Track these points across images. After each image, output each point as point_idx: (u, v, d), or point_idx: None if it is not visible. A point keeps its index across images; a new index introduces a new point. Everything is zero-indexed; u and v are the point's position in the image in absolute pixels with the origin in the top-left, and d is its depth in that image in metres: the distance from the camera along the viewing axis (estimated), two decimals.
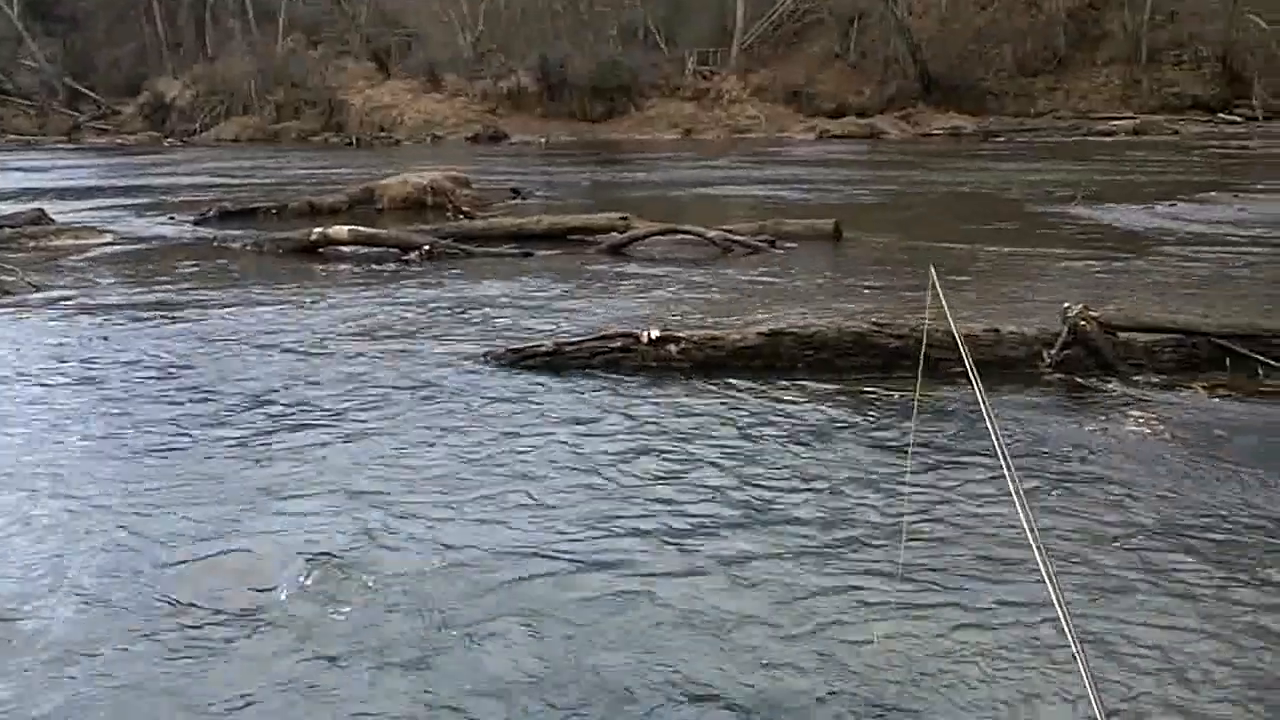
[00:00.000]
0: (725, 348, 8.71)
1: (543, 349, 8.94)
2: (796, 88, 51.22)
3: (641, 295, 11.81)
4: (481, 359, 8.96)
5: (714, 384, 8.15)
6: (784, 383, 8.15)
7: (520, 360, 8.83)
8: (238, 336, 10.04)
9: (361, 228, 15.60)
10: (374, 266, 14.21)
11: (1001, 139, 41.10)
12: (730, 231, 15.06)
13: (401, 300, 11.74)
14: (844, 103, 50.09)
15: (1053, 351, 8.34)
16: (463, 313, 11.00)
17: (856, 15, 52.08)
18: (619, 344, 8.80)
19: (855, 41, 52.39)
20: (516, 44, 54.02)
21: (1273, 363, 8.18)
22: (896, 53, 50.58)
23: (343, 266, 14.29)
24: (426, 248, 14.63)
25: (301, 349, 9.52)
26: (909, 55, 50.05)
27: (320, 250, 15.21)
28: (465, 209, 19.08)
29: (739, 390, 7.98)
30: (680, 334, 8.82)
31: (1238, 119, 42.16)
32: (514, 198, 22.17)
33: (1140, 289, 11.68)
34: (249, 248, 15.68)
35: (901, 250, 15.20)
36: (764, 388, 8.03)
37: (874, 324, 8.97)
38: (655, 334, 8.74)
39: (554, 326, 10.17)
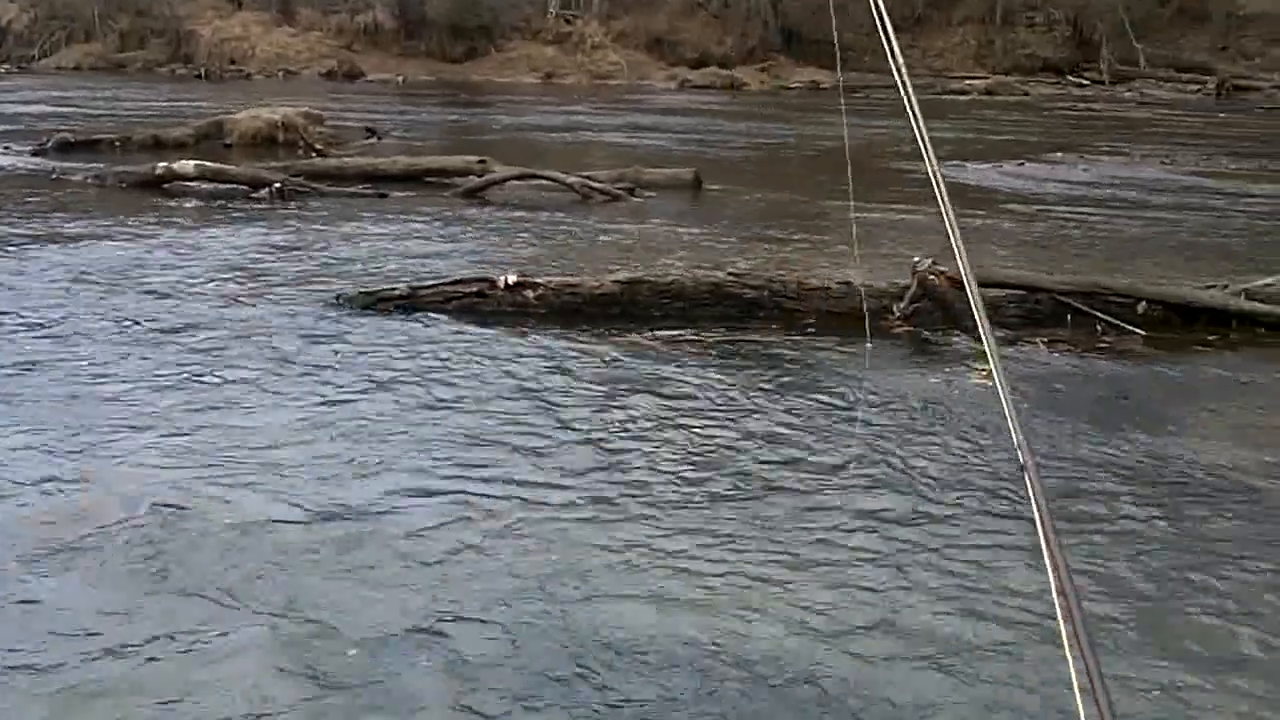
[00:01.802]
0: (583, 295, 8.66)
1: (396, 292, 8.77)
2: (659, 36, 51.00)
3: (499, 240, 11.67)
4: (333, 301, 8.74)
5: (568, 331, 8.09)
6: (631, 330, 8.14)
7: (373, 303, 8.64)
8: (75, 274, 9.61)
9: (209, 163, 15.05)
10: (222, 204, 13.74)
11: (859, 95, 41.63)
12: (590, 178, 14.96)
13: (250, 239, 11.37)
14: (706, 53, 50.07)
15: (902, 305, 8.49)
16: (313, 253, 10.71)
17: None
18: (475, 289, 8.68)
19: None
20: None
21: (1111, 319, 8.47)
22: (758, 4, 50.74)
23: (189, 203, 13.77)
24: (277, 186, 14.18)
25: (144, 288, 9.15)
26: (770, 7, 50.26)
27: (165, 186, 14.63)
28: (318, 147, 18.57)
29: (588, 338, 7.95)
30: (537, 280, 8.74)
31: (1086, 81, 43.44)
32: (370, 137, 21.64)
33: (989, 246, 11.96)
34: (90, 181, 14.99)
35: (758, 201, 15.32)
36: (614, 335, 8.01)
37: (731, 274, 9.02)
38: (512, 279, 8.64)
39: (409, 269, 9.97)
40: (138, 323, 8.09)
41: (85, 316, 8.24)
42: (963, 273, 2.70)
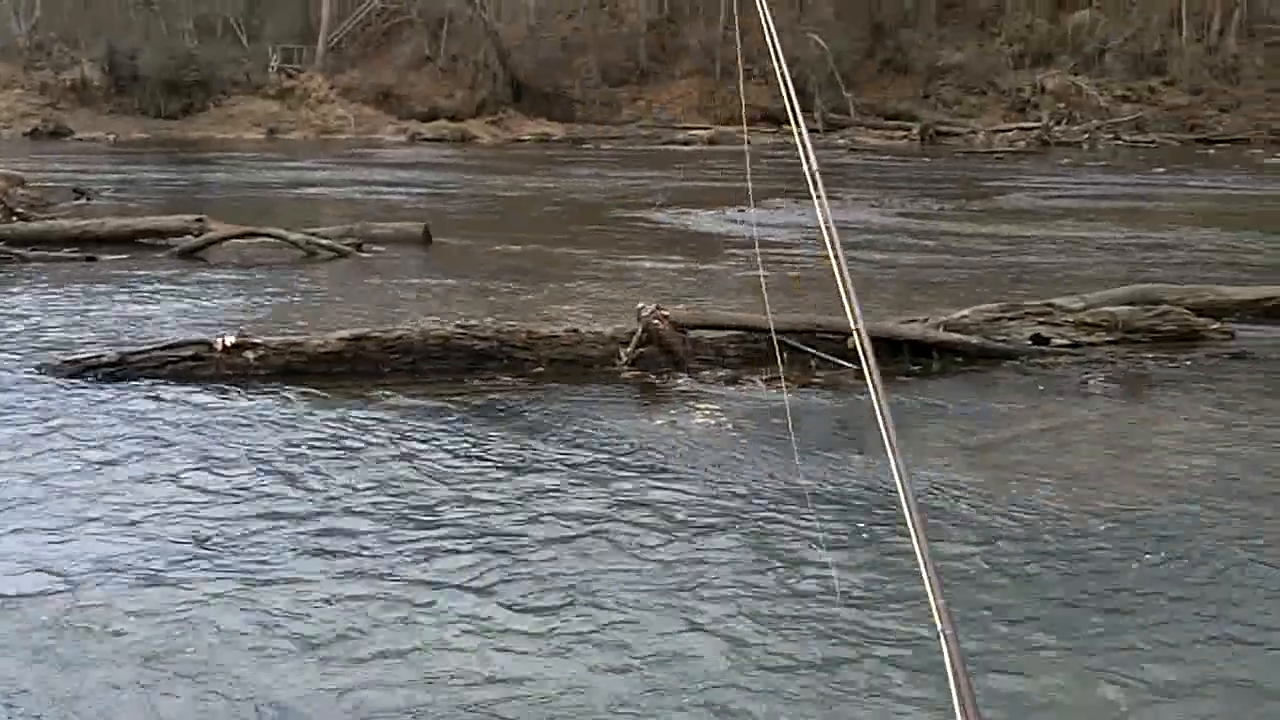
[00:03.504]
0: (306, 354, 8.45)
1: (105, 359, 8.33)
2: (386, 89, 50.65)
3: (218, 301, 11.27)
4: (35, 370, 8.23)
5: (291, 392, 7.86)
6: (359, 388, 8.00)
7: (80, 371, 8.17)
8: None
9: None
10: None
11: (588, 145, 42.44)
12: (315, 234, 14.65)
13: None
14: (435, 106, 50.02)
15: (629, 350, 8.66)
16: (12, 322, 10.07)
17: (446, 17, 52.17)
18: (190, 352, 8.34)
19: (445, 45, 52.46)
20: (80, 33, 50.16)
21: (824, 355, 8.85)
22: (486, 58, 51.10)
23: None
24: None
25: None
26: (499, 61, 50.71)
27: None
28: (19, 210, 17.48)
29: (312, 398, 7.76)
30: (257, 340, 8.47)
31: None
32: (78, 198, 20.56)
33: (712, 289, 12.37)
34: None
35: (490, 253, 15.35)
36: (341, 393, 7.85)
37: (460, 327, 8.99)
38: (230, 341, 8.34)
39: (119, 335, 9.50)
40: None
41: None
42: (850, 317, 2.70)
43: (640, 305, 8.90)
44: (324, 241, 14.47)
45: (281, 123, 47.23)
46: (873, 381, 2.50)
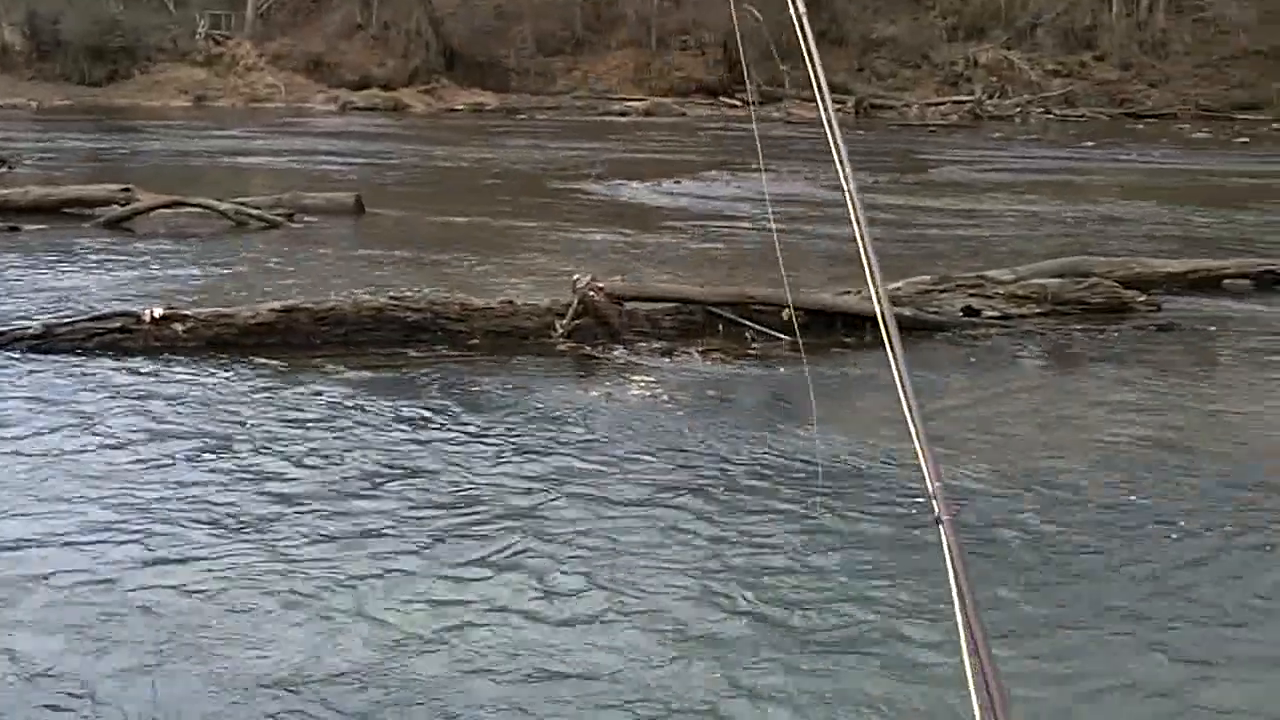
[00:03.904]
0: (237, 326, 8.32)
1: (30, 331, 8.17)
2: (317, 57, 49.87)
3: (146, 272, 11.07)
4: None
5: (221, 364, 7.75)
6: (290, 360, 7.90)
7: (4, 344, 7.99)
8: None
9: None
10: None
11: (523, 116, 42.12)
12: (245, 204, 14.43)
13: None
14: (367, 74, 49.35)
15: (564, 322, 8.62)
16: None
17: None
18: (118, 324, 8.18)
19: (377, 12, 51.75)
20: None
21: (759, 327, 8.88)
22: (419, 26, 50.49)
23: None
24: None
25: None
26: (431, 29, 50.13)
27: None
28: None
29: (241, 370, 7.65)
30: (186, 312, 8.34)
31: (737, 103, 45.58)
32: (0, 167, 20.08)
33: (647, 261, 12.35)
34: None
35: (425, 224, 15.22)
36: (271, 365, 7.74)
37: (393, 298, 8.91)
38: (158, 312, 8.20)
39: (44, 307, 9.30)
40: None
41: None
42: (874, 292, 2.54)
43: (576, 277, 8.87)
44: (254, 212, 14.25)
45: (209, 90, 46.36)
46: (892, 350, 2.41)
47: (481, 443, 6.33)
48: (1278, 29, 41.03)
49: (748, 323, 8.90)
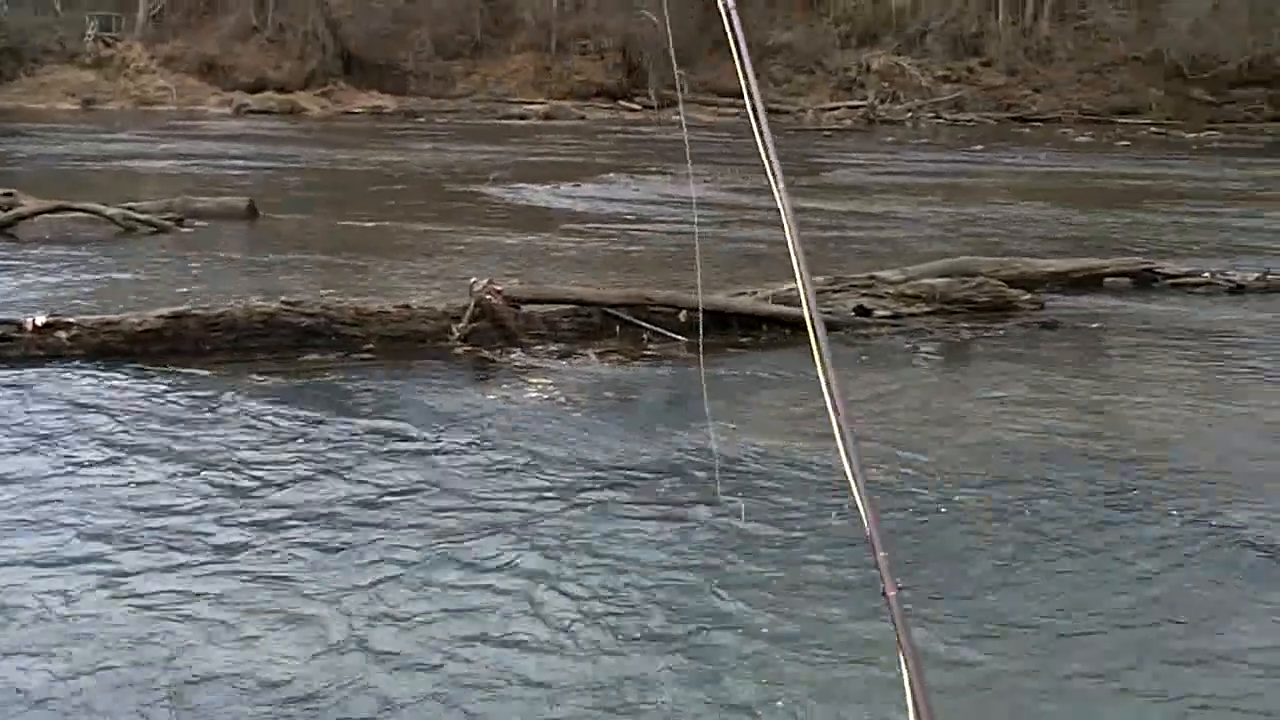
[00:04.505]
0: (123, 333, 8.16)
1: None
2: (210, 59, 48.95)
3: (29, 279, 10.79)
4: None
5: (107, 372, 7.59)
6: (179, 368, 7.77)
7: None
8: None
9: None
10: None
11: (422, 119, 41.84)
12: (133, 209, 14.13)
13: None
14: (262, 77, 48.56)
15: (461, 325, 8.60)
16: None
17: None
18: None
19: (272, 14, 50.96)
20: None
21: (656, 328, 8.95)
22: (315, 28, 49.84)
23: None
24: None
25: None
26: (328, 31, 49.52)
27: None
28: None
29: (128, 378, 7.52)
30: (70, 319, 8.15)
31: (636, 107, 45.78)
32: None
33: (546, 263, 12.37)
34: None
35: (321, 229, 15.06)
36: (159, 372, 7.62)
37: (285, 303, 8.80)
38: (41, 320, 8.01)
39: None
40: None
41: None
42: (801, 289, 2.44)
43: (472, 280, 8.86)
44: (142, 216, 13.97)
45: (98, 93, 45.24)
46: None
47: (373, 447, 6.30)
48: (1154, 36, 42.35)
49: (645, 324, 8.96)
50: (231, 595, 4.50)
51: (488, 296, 8.67)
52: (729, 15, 2.71)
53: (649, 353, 8.59)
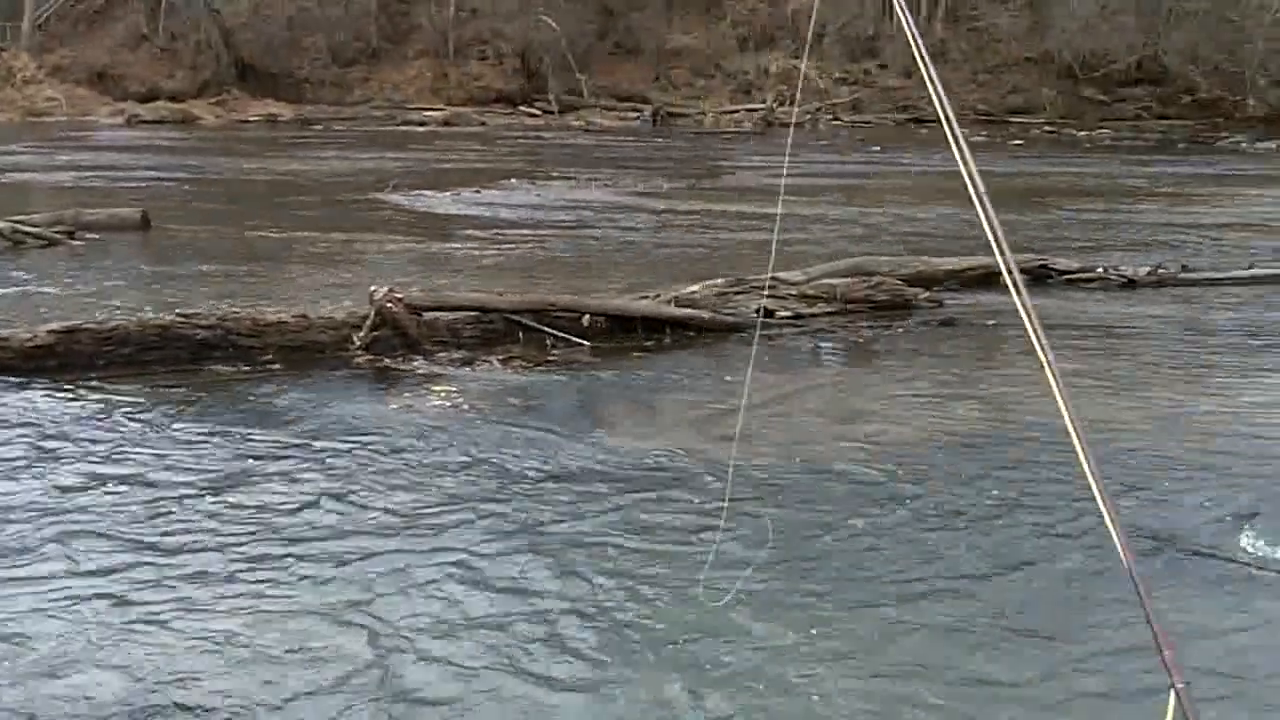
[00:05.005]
0: (12, 348, 7.93)
1: None
2: (101, 69, 47.79)
3: None
4: None
5: None
6: (71, 384, 7.58)
7: None
8: None
9: None
10: None
11: (319, 127, 41.26)
12: (21, 222, 13.74)
13: None
14: (155, 87, 47.52)
15: (361, 334, 8.50)
16: None
17: None
18: None
19: (164, 22, 49.92)
20: None
21: (560, 333, 8.94)
22: (209, 37, 48.94)
23: None
24: None
25: None
26: (221, 40, 48.65)
27: None
28: None
29: (16, 395, 7.31)
30: None
31: (537, 112, 45.62)
32: None
33: (447, 270, 12.28)
34: None
35: (217, 239, 14.79)
36: (51, 388, 7.42)
37: (180, 315, 8.62)
38: None
39: None
40: None
41: None
42: (1005, 271, 2.63)
43: (372, 288, 8.76)
44: (31, 230, 13.60)
45: None
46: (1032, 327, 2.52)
47: (270, 459, 6.20)
48: (1045, 37, 43.33)
49: (548, 330, 8.95)
50: (104, 612, 4.40)
51: (388, 304, 8.58)
52: (903, 12, 2.74)
53: (553, 358, 8.57)
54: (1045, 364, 2.55)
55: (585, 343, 8.79)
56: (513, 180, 21.87)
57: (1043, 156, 29.51)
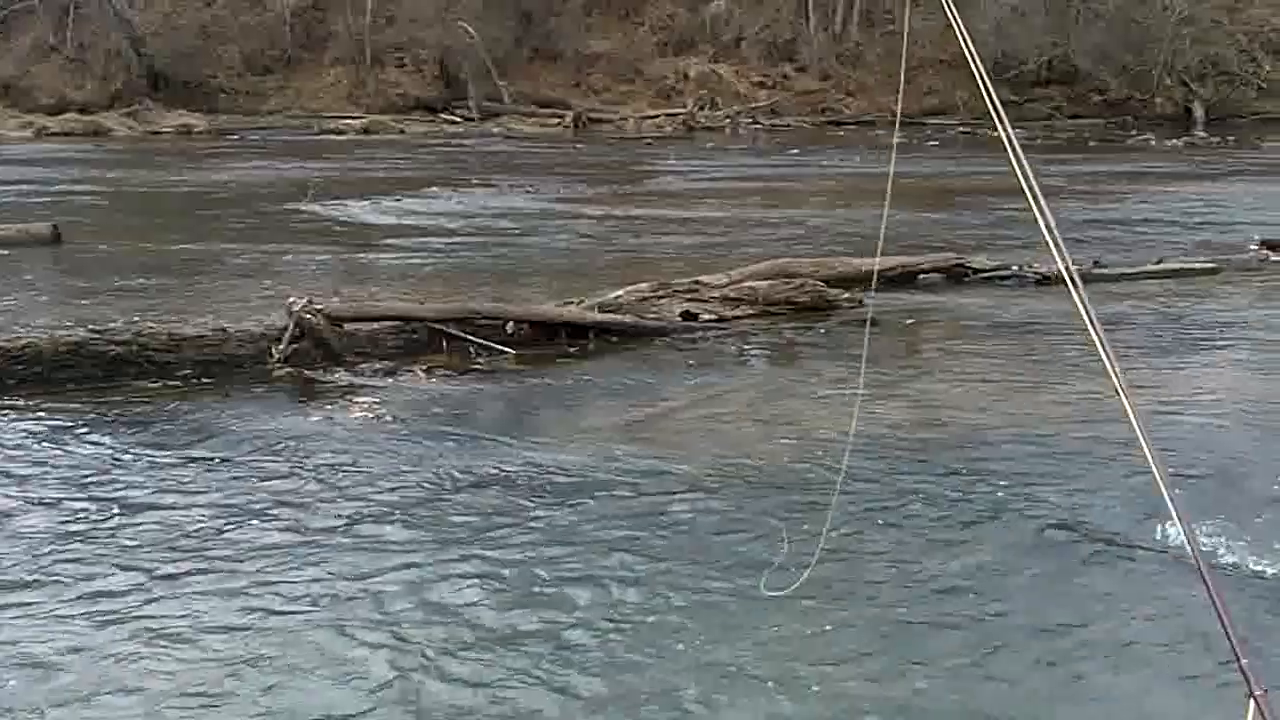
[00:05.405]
0: None
1: None
2: (7, 81, 46.73)
3: None
4: None
5: None
6: None
7: None
8: None
9: None
10: None
11: (235, 137, 40.67)
12: None
13: None
14: (64, 98, 46.50)
15: (281, 347, 8.38)
16: None
17: (71, 5, 48.62)
18: None
19: (72, 33, 48.92)
20: None
21: (483, 341, 8.89)
22: (119, 47, 48.03)
23: None
24: None
25: None
26: (132, 50, 47.77)
27: None
28: None
29: None
30: None
31: (457, 119, 45.31)
32: None
33: (369, 280, 12.16)
34: None
35: (131, 253, 14.49)
36: None
37: (93, 331, 8.45)
38: None
39: None
40: None
41: None
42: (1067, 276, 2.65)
43: (290, 299, 8.65)
44: None
45: None
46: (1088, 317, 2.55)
47: (188, 476, 6.09)
48: (958, 40, 44.00)
49: (472, 338, 8.89)
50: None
51: (308, 316, 8.47)
52: (954, 17, 2.73)
53: (477, 367, 8.52)
54: (1107, 363, 2.65)
55: (509, 350, 8.76)
56: (434, 188, 21.70)
57: (958, 157, 29.94)
